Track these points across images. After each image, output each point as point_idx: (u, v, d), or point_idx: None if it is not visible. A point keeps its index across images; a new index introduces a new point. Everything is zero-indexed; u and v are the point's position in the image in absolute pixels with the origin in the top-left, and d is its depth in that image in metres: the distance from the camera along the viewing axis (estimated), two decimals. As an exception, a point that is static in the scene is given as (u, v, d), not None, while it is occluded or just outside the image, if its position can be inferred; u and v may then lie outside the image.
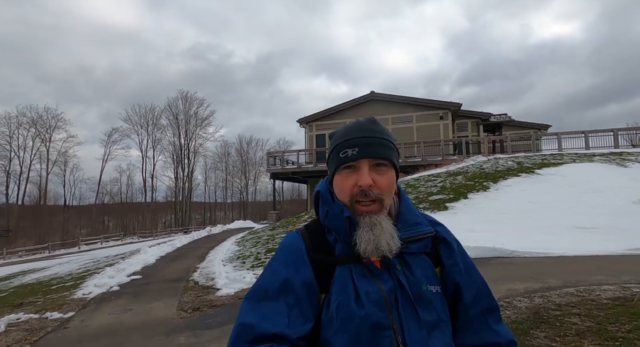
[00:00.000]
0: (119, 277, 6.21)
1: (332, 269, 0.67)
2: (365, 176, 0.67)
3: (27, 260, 20.20)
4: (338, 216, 0.69)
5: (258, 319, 0.61)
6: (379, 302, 0.63)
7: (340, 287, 0.64)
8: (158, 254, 8.53)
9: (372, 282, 0.65)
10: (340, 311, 0.62)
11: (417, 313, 0.64)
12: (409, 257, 0.69)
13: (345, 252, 0.68)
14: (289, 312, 0.62)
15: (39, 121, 38.80)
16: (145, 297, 4.98)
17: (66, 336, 3.68)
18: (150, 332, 3.60)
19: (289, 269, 0.66)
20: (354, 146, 0.68)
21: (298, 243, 0.71)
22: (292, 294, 0.64)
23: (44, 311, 4.54)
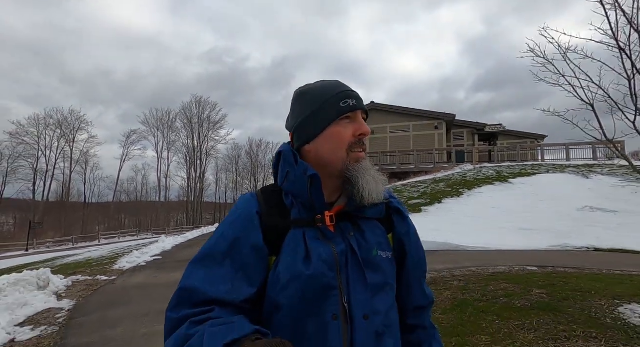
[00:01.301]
0: (144, 258, 7.94)
1: (286, 232, 0.67)
2: (365, 125, 0.71)
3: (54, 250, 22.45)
4: (300, 176, 0.68)
5: (200, 283, 0.60)
6: (329, 263, 0.64)
7: (291, 249, 0.65)
8: (173, 243, 10.27)
9: (325, 244, 0.66)
10: (288, 270, 0.63)
11: (364, 276, 0.66)
12: (363, 222, 0.71)
13: (301, 215, 0.68)
14: (233, 276, 0.62)
15: (64, 123, 41.82)
16: (165, 269, 6.66)
17: (115, 287, 5.36)
18: (171, 286, 5.22)
19: (236, 232, 0.66)
20: (352, 97, 0.71)
21: (250, 206, 0.70)
22: (238, 257, 0.63)
23: (95, 275, 6.27)
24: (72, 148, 42.18)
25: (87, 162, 44.54)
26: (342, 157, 0.69)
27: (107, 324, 3.71)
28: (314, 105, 0.72)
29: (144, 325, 3.61)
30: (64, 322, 3.83)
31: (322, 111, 0.71)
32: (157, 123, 45.81)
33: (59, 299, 4.68)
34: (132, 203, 49.04)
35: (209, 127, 45.39)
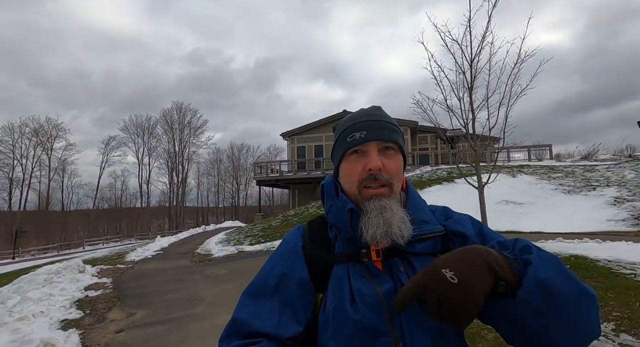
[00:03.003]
0: (148, 253, 9.83)
1: (330, 267, 0.66)
2: (374, 159, 0.66)
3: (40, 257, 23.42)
4: (341, 209, 0.68)
5: (250, 316, 0.62)
6: (374, 306, 0.60)
7: (336, 288, 0.63)
8: (168, 242, 12.13)
9: (369, 284, 0.62)
10: (336, 313, 0.61)
11: (420, 319, 0.58)
12: (414, 258, 0.65)
13: (344, 250, 0.67)
14: (281, 312, 0.62)
15: (40, 131, 42.00)
16: (169, 259, 8.63)
17: (135, 271, 7.31)
18: (178, 269, 7.24)
19: (284, 267, 0.67)
20: (361, 130, 0.68)
21: (296, 239, 0.71)
22: (286, 293, 0.64)
23: (115, 265, 8.16)
24: (50, 156, 42.44)
25: (64, 169, 44.80)
26: (355, 192, 0.67)
27: (142, 286, 5.71)
28: (335, 139, 0.73)
29: (167, 286, 5.63)
30: (113, 287, 5.81)
31: (336, 146, 0.72)
32: (137, 129, 46.58)
33: (99, 278, 6.60)
34: (112, 210, 49.44)
35: (190, 133, 46.57)
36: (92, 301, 4.95)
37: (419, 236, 0.65)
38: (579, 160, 14.83)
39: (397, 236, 0.62)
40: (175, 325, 3.80)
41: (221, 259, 8.00)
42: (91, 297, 5.16)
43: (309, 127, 25.14)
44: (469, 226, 0.69)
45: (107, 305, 4.73)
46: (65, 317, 4.18)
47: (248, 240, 10.40)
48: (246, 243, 9.90)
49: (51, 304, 4.69)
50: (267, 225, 12.89)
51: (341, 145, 0.70)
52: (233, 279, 5.82)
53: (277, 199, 56.22)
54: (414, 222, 0.66)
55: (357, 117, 0.72)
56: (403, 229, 0.63)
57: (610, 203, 9.94)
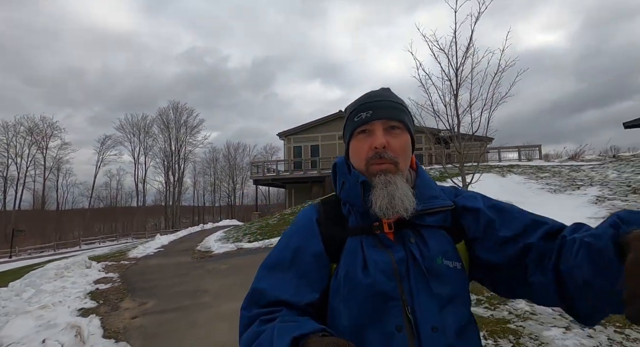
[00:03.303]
0: (149, 250, 10.19)
1: (344, 240, 0.69)
2: (378, 137, 0.69)
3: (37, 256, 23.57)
4: (353, 184, 0.71)
5: (269, 286, 0.66)
6: (387, 272, 0.64)
7: (349, 257, 0.67)
8: (168, 240, 12.48)
9: (382, 252, 0.66)
10: (347, 279, 0.65)
11: (428, 285, 0.63)
12: (425, 230, 0.69)
13: (358, 223, 0.71)
14: (297, 282, 0.66)
15: (35, 129, 41.92)
16: (171, 256, 9.00)
17: (139, 267, 7.68)
18: (180, 265, 7.62)
19: (299, 241, 0.71)
20: (367, 109, 0.71)
21: (310, 215, 0.75)
22: (301, 265, 0.68)
23: (119, 261, 8.51)
24: (45, 155, 42.38)
25: (59, 169, 44.74)
26: (363, 170, 0.71)
27: (148, 280, 6.09)
28: (345, 120, 0.77)
29: (172, 279, 6.02)
30: (121, 279, 6.18)
31: (346, 126, 0.77)
32: (133, 128, 46.61)
33: (106, 273, 6.96)
34: (108, 209, 49.45)
35: (186, 132, 46.71)
36: (104, 293, 5.33)
37: (429, 210, 0.69)
38: (566, 160, 15.38)
39: (400, 208, 0.66)
40: (184, 312, 4.20)
41: (221, 256, 8.39)
42: (102, 290, 5.54)
43: (305, 127, 25.52)
44: (479, 200, 0.72)
45: (118, 296, 5.12)
46: (81, 306, 4.55)
47: (246, 238, 10.79)
48: (245, 241, 10.29)
49: (66, 296, 5.06)
50: (265, 223, 13.28)
51: (349, 125, 0.74)
52: (234, 274, 6.21)
53: (274, 198, 56.55)
54: (424, 198, 0.70)
55: (365, 98, 0.75)
56: (406, 202, 0.66)
57: (592, 202, 10.45)
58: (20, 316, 3.99)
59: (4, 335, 3.48)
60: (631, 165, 12.12)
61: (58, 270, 6.66)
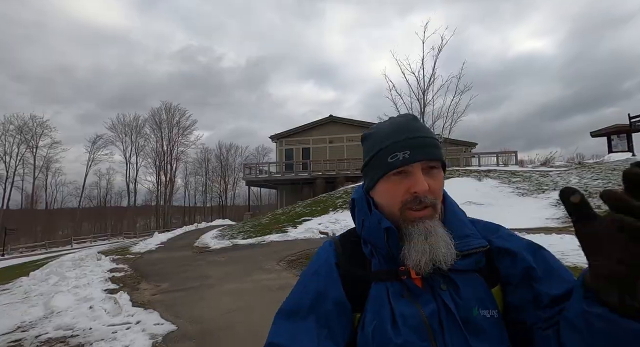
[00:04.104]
0: (150, 246, 11.08)
1: (367, 285, 0.64)
2: (421, 181, 0.62)
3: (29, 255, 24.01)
4: (375, 226, 0.65)
5: (287, 340, 0.60)
6: (417, 329, 0.58)
7: (375, 308, 0.61)
8: (166, 237, 13.35)
9: (410, 305, 0.60)
10: (376, 335, 0.59)
11: (467, 342, 0.57)
12: (456, 275, 0.62)
13: (382, 267, 0.64)
14: (318, 333, 0.60)
15: (24, 128, 41.98)
16: (172, 250, 9.92)
17: (145, 260, 8.60)
18: (183, 258, 8.58)
19: (318, 286, 0.65)
20: (404, 149, 0.64)
21: (328, 256, 0.69)
22: (322, 313, 0.62)
23: (124, 255, 9.40)
24: (35, 154, 42.46)
25: (48, 167, 44.81)
26: (396, 214, 0.63)
27: (157, 269, 7.05)
28: (368, 155, 0.69)
29: (178, 269, 6.99)
30: (132, 269, 7.12)
31: (373, 164, 0.67)
32: (125, 128, 46.96)
33: (116, 264, 7.87)
34: (97, 208, 49.59)
35: (178, 133, 47.26)
36: (121, 279, 6.27)
37: (462, 252, 0.62)
38: (538, 166, 16.72)
39: (441, 263, 0.60)
40: (194, 291, 5.18)
41: (219, 250, 9.35)
42: (118, 276, 6.47)
43: (297, 130, 26.55)
44: (518, 242, 0.65)
45: (135, 281, 6.06)
46: (106, 287, 5.50)
47: (241, 235, 11.75)
48: (239, 238, 11.25)
49: (90, 280, 5.99)
50: (257, 222, 14.25)
51: (380, 165, 0.65)
52: (232, 264, 7.19)
53: (265, 198, 57.33)
54: (456, 237, 0.63)
55: (397, 134, 0.66)
56: (447, 254, 0.60)
57: (553, 204, 11.73)
58: (59, 293, 4.93)
59: (54, 305, 4.43)
60: (591, 172, 13.47)
61: (74, 261, 7.55)
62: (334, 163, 23.49)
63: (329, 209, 13.32)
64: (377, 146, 0.67)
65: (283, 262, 6.87)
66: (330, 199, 15.19)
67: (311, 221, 12.06)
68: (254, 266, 6.75)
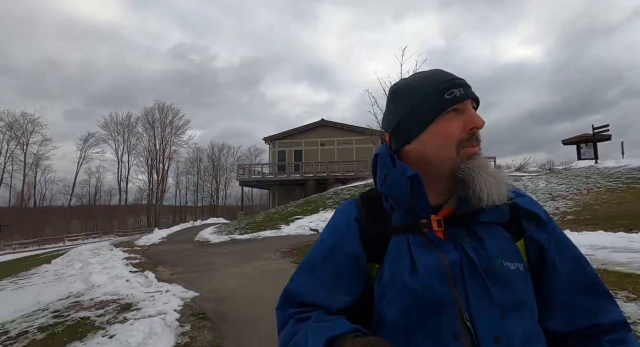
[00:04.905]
0: (154, 240, 12.10)
1: (388, 239, 0.65)
2: (478, 116, 0.63)
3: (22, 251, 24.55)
4: (399, 178, 0.65)
5: (300, 287, 0.65)
6: (439, 274, 0.59)
7: (394, 258, 0.63)
8: (166, 233, 14.36)
9: (432, 253, 0.61)
10: (394, 282, 0.61)
11: (488, 291, 0.58)
12: (480, 227, 0.63)
13: (403, 221, 0.66)
14: (330, 284, 0.64)
15: (15, 125, 42.16)
16: (175, 244, 10.98)
17: (152, 251, 9.66)
18: (187, 250, 9.67)
19: (334, 239, 0.68)
20: (457, 86, 0.64)
21: (349, 212, 0.71)
22: (334, 264, 0.65)
23: (132, 247, 10.43)
24: (26, 151, 42.64)
25: (37, 164, 44.98)
26: (451, 155, 0.63)
27: (167, 258, 8.13)
28: (412, 101, 0.66)
29: (185, 258, 8.08)
30: (144, 257, 8.18)
31: (424, 106, 0.65)
32: (118, 127, 47.42)
33: (128, 254, 8.91)
34: (87, 207, 49.79)
35: (171, 132, 47.90)
36: (139, 264, 7.34)
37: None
38: (513, 171, 18.20)
39: (504, 195, 0.62)
40: (204, 273, 6.30)
41: (219, 244, 10.45)
42: (136, 262, 7.53)
43: (290, 133, 27.72)
44: (542, 212, 0.68)
45: (151, 265, 7.14)
46: (130, 269, 6.57)
47: (238, 231, 12.84)
48: (236, 233, 12.34)
49: (113, 264, 7.04)
50: (252, 220, 15.34)
51: (432, 106, 0.64)
52: (233, 255, 8.30)
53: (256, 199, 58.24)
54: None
55: (445, 74, 0.67)
56: (505, 189, 0.63)
57: (521, 206, 13.17)
58: (93, 273, 5.99)
59: (93, 280, 5.51)
60: (558, 177, 14.98)
61: (91, 251, 8.56)
62: (325, 165, 24.71)
63: (320, 208, 14.50)
64: (425, 89, 0.65)
65: (278, 253, 8.02)
66: (321, 199, 16.41)
67: (303, 219, 13.22)
68: (252, 255, 7.88)
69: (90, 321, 3.80)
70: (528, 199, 0.70)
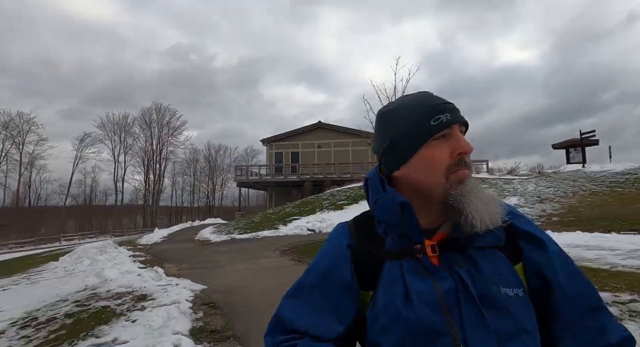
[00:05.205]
0: (155, 239, 12.48)
1: (381, 265, 0.64)
2: (466, 141, 0.63)
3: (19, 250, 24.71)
4: (389, 204, 0.65)
5: (290, 314, 0.64)
6: (433, 304, 0.58)
7: (387, 285, 0.61)
8: (167, 232, 14.72)
9: (426, 281, 0.60)
10: (388, 311, 0.59)
11: (484, 318, 0.56)
12: (476, 252, 0.62)
13: (396, 246, 0.65)
14: (321, 311, 0.63)
15: (10, 124, 42.14)
16: (177, 243, 11.37)
17: (156, 249, 10.05)
18: (189, 248, 10.07)
19: (326, 265, 0.67)
20: (444, 111, 0.64)
21: (341, 238, 0.71)
22: (327, 291, 0.65)
23: (135, 246, 10.80)
24: (22, 151, 42.63)
25: (32, 164, 44.93)
26: (440, 181, 0.62)
27: (172, 256, 8.53)
28: (400, 127, 0.66)
29: (189, 255, 8.48)
30: (149, 255, 8.57)
31: (411, 132, 0.65)
32: (114, 127, 47.51)
33: (133, 252, 9.29)
34: (82, 207, 49.78)
35: (168, 133, 48.10)
36: (146, 261, 7.73)
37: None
38: (505, 174, 18.81)
39: (497, 219, 0.61)
40: (209, 269, 6.71)
41: (219, 243, 10.86)
42: (142, 259, 7.93)
43: (287, 135, 28.18)
44: (542, 233, 0.66)
45: (158, 262, 7.54)
46: (138, 265, 6.96)
47: (237, 231, 13.25)
48: (236, 233, 12.75)
49: (121, 261, 7.43)
50: (250, 220, 15.75)
51: (420, 132, 0.64)
52: (234, 253, 8.72)
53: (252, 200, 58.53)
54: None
55: (430, 100, 0.67)
56: (498, 212, 0.62)
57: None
58: (105, 268, 6.39)
59: (105, 275, 5.91)
60: (547, 181, 15.58)
61: (97, 249, 8.94)
62: (321, 167, 25.17)
63: (316, 209, 14.94)
64: (411, 115, 0.65)
65: (277, 252, 8.45)
66: (318, 200, 16.87)
67: (300, 219, 13.65)
68: (253, 254, 8.31)
69: (111, 309, 4.22)
70: (524, 219, 0.68)
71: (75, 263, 7.78)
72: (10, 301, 5.26)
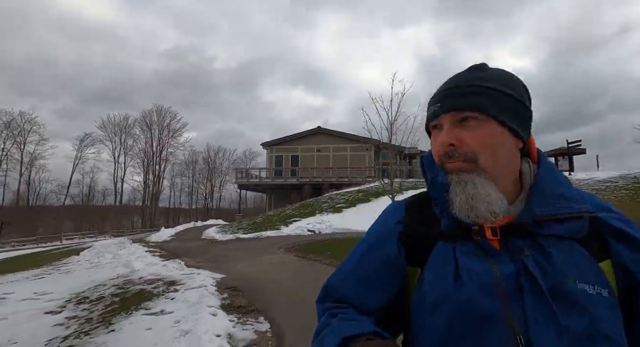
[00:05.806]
0: (164, 238, 13.29)
1: (433, 244, 0.61)
2: (443, 134, 0.62)
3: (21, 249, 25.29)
4: (438, 183, 0.63)
5: (337, 283, 0.68)
6: (488, 287, 0.53)
7: (438, 263, 0.59)
8: (173, 232, 15.52)
9: (482, 262, 0.55)
10: (434, 290, 0.57)
11: (553, 314, 0.50)
12: (547, 240, 0.56)
13: (452, 226, 0.61)
14: (363, 283, 0.65)
15: (12, 124, 42.74)
16: (185, 241, 12.19)
17: (167, 246, 10.87)
18: (199, 246, 10.90)
19: (373, 239, 0.68)
20: (436, 102, 0.64)
21: (393, 214, 0.70)
22: (371, 264, 0.65)
23: (147, 243, 11.59)
24: (23, 151, 43.21)
25: (32, 164, 45.48)
26: (440, 169, 0.63)
27: (185, 251, 9.35)
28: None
29: (201, 252, 9.30)
30: (164, 251, 9.39)
31: (426, 120, 0.68)
32: (115, 128, 48.22)
33: (148, 248, 10.09)
34: (81, 206, 50.28)
35: (168, 135, 48.86)
36: (163, 256, 8.55)
37: (555, 215, 0.56)
38: (496, 180, 19.83)
39: (483, 211, 0.56)
40: (222, 262, 7.54)
41: (226, 241, 11.68)
42: (159, 254, 8.73)
43: (287, 139, 29.08)
44: (637, 233, 0.58)
45: (174, 256, 8.36)
46: (158, 259, 7.77)
47: (241, 231, 14.06)
48: (240, 233, 13.57)
49: (141, 255, 8.24)
50: (252, 221, 16.57)
51: (427, 119, 0.67)
52: (242, 250, 9.54)
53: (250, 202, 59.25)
54: (548, 197, 0.58)
55: (443, 85, 0.66)
56: (493, 204, 0.56)
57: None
58: (131, 260, 7.20)
59: (134, 265, 6.73)
60: (534, 187, 16.52)
61: (115, 245, 9.74)
62: (320, 171, 26.06)
63: (316, 211, 15.79)
64: (429, 100, 0.66)
65: (281, 249, 9.30)
66: (317, 203, 17.73)
67: (300, 221, 14.50)
68: (260, 251, 9.15)
69: (149, 291, 5.05)
70: (618, 215, 0.60)
71: (98, 257, 8.57)
72: (52, 286, 6.05)
